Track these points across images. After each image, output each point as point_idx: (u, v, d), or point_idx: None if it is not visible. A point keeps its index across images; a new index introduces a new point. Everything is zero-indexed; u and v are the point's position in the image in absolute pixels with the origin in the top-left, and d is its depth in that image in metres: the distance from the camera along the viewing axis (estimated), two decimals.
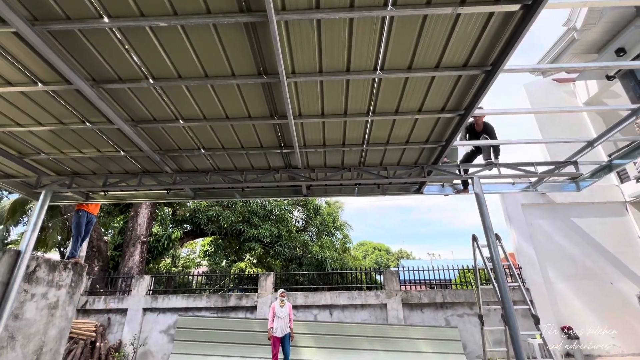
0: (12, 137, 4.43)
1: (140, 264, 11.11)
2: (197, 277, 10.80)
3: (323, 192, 6.18)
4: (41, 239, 10.84)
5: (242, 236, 13.72)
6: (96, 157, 4.98)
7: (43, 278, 5.28)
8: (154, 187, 5.76)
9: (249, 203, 13.89)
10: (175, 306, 8.67)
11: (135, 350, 8.07)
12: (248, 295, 8.79)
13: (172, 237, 12.97)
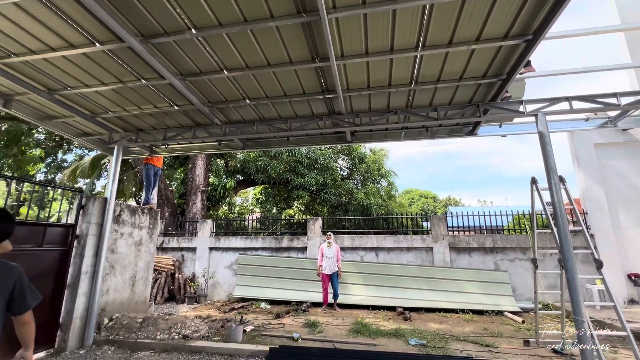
0: (83, 97, 4.91)
1: (202, 210, 12.40)
2: (252, 222, 11.82)
3: (368, 137, 6.06)
4: (119, 189, 12.47)
5: (290, 185, 14.35)
6: (154, 112, 5.36)
7: (127, 220, 6.18)
8: (206, 139, 6.14)
9: (294, 153, 14.23)
10: (235, 246, 9.73)
11: (206, 281, 9.42)
12: (299, 237, 9.48)
13: (227, 186, 14.04)
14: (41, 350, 4.63)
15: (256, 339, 5.08)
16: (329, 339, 5.04)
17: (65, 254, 5.07)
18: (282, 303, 8.15)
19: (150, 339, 4.95)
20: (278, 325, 5.97)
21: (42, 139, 14.99)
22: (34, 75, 4.33)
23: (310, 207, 17.60)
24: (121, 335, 5.11)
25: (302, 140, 6.33)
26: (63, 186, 5.98)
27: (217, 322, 5.69)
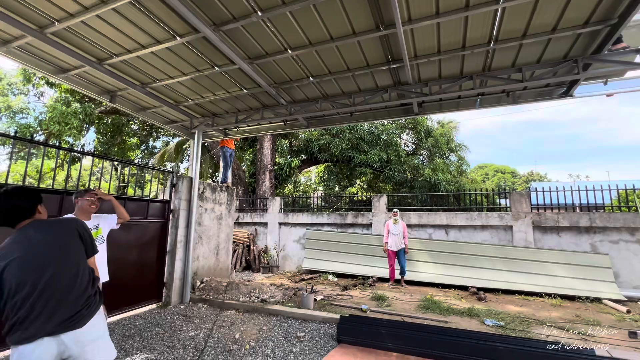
0: (168, 88, 5.50)
1: (270, 188, 13.22)
2: (316, 200, 12.22)
3: (437, 108, 5.64)
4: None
5: (352, 162, 14.33)
6: (226, 97, 5.76)
7: (209, 197, 6.92)
8: (273, 120, 6.42)
9: (356, 130, 14.06)
10: (302, 222, 10.23)
11: (277, 253, 10.19)
12: (363, 214, 9.52)
13: (292, 165, 14.65)
14: (152, 302, 5.63)
15: (326, 307, 5.38)
16: (397, 313, 5.08)
17: (164, 225, 5.96)
18: (348, 276, 8.42)
19: (234, 300, 5.62)
20: (346, 297, 6.21)
21: (136, 129, 17.42)
22: (130, 72, 4.98)
23: (373, 185, 17.42)
24: (211, 296, 5.89)
25: (366, 116, 6.19)
26: (158, 168, 6.93)
27: (290, 290, 6.16)
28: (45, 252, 1.75)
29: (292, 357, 3.56)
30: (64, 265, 1.78)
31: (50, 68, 4.74)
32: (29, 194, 1.89)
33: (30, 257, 1.71)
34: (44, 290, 1.69)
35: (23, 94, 13.95)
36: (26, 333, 1.62)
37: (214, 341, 3.97)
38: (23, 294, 1.66)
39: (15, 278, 1.66)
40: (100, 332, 1.84)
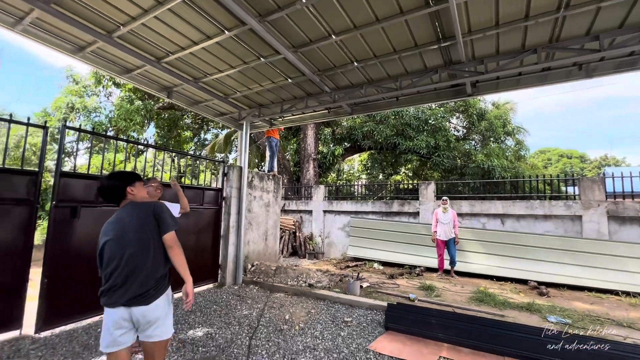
0: (218, 82, 5.77)
1: (314, 177, 13.39)
2: (360, 188, 12.11)
3: (493, 87, 5.18)
4: None
5: (397, 149, 13.88)
6: (272, 88, 5.89)
7: (257, 185, 7.22)
8: (316, 108, 6.44)
9: (401, 115, 13.54)
10: (347, 210, 10.25)
11: (322, 241, 10.37)
12: (410, 202, 9.24)
13: (335, 154, 14.63)
14: (209, 282, 6.10)
15: (372, 295, 5.38)
16: (448, 304, 4.91)
17: (218, 212, 6.37)
18: (394, 265, 8.30)
19: (283, 284, 5.86)
20: (392, 285, 6.14)
21: (189, 122, 18.64)
22: (184, 68, 5.31)
23: (420, 172, 16.77)
24: (261, 278, 6.22)
25: (413, 99, 5.92)
26: (211, 158, 7.39)
27: (336, 277, 6.25)
28: (128, 234, 2.01)
29: (340, 340, 3.63)
30: (139, 247, 2.00)
31: (117, 69, 5.23)
32: (119, 175, 2.19)
33: (119, 237, 2.00)
34: (124, 267, 1.96)
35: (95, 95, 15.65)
36: (110, 300, 1.96)
37: (265, 320, 4.20)
38: (110, 268, 1.97)
39: (107, 254, 2.00)
40: (163, 313, 2.04)
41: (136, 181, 2.19)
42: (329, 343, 3.55)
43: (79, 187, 4.15)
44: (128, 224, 2.03)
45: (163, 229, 2.07)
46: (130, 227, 2.02)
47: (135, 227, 2.03)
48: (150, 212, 2.08)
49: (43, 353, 3.14)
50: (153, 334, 1.99)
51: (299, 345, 3.49)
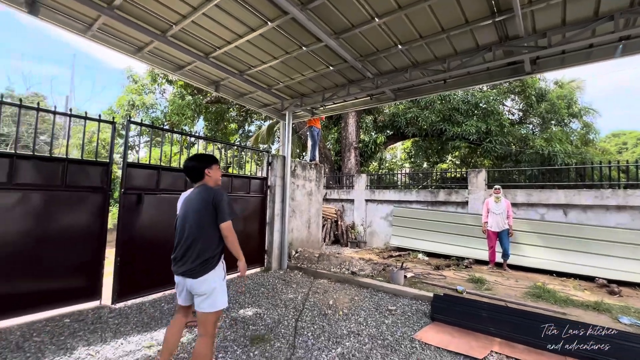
0: (261, 74, 5.92)
1: (356, 166, 13.29)
2: (403, 177, 11.75)
3: (558, 63, 4.64)
4: None
5: (444, 135, 13.20)
6: (313, 76, 5.89)
7: (300, 174, 7.35)
8: (358, 95, 6.32)
9: (448, 99, 12.79)
10: (389, 199, 10.04)
11: (365, 230, 10.32)
12: (457, 191, 8.78)
13: (377, 142, 14.33)
14: (256, 267, 6.42)
15: (417, 285, 5.26)
16: (500, 298, 4.64)
17: (263, 200, 6.63)
18: (440, 256, 8.01)
19: (326, 270, 5.98)
20: (438, 276, 5.95)
21: (234, 115, 19.45)
22: (230, 62, 5.52)
23: (468, 160, 15.82)
24: (305, 265, 6.40)
25: (462, 81, 5.54)
26: (257, 148, 7.68)
27: (379, 265, 6.22)
28: (190, 215, 2.29)
29: (385, 328, 3.63)
30: (195, 228, 2.26)
31: (170, 66, 5.59)
32: (199, 158, 2.47)
33: (184, 216, 2.33)
34: (184, 244, 2.28)
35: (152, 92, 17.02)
36: (174, 269, 2.33)
37: (310, 304, 4.34)
38: (176, 241, 2.35)
39: (177, 228, 2.37)
40: (209, 288, 2.24)
41: (213, 164, 2.46)
42: (373, 330, 3.57)
43: (142, 176, 4.58)
44: (191, 205, 2.29)
45: (220, 217, 2.26)
46: (192, 208, 2.28)
47: (196, 209, 2.27)
48: (210, 199, 2.26)
49: (119, 321, 3.59)
50: (201, 306, 2.23)
51: (343, 329, 3.55)
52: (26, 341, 3.02)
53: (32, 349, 2.88)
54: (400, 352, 3.08)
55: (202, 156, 2.47)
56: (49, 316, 3.59)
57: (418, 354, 3.05)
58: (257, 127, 21.07)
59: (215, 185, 2.46)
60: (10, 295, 3.43)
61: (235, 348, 3.04)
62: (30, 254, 3.57)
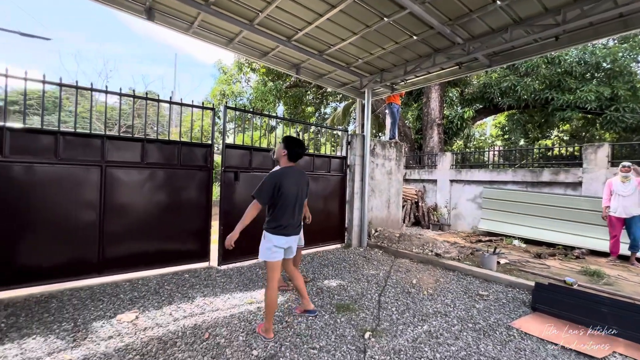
0: (341, 52, 5.88)
1: (439, 144, 12.38)
2: (494, 155, 10.47)
3: None
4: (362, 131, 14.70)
5: (550, 106, 11.23)
6: (394, 49, 5.60)
7: (379, 153, 7.22)
8: (444, 65, 5.80)
9: (558, 61, 10.75)
10: (479, 179, 9.13)
11: (449, 212, 9.67)
12: (568, 170, 7.45)
13: (464, 117, 13.03)
14: (337, 243, 6.66)
15: (513, 272, 4.76)
16: (625, 295, 3.87)
17: (343, 178, 6.75)
18: (541, 244, 7.05)
19: (407, 250, 5.85)
20: (539, 265, 5.26)
21: (311, 98, 19.92)
22: (311, 43, 5.61)
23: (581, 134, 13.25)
24: (385, 244, 6.37)
25: (581, 36, 4.57)
26: (336, 127, 7.77)
27: (466, 249, 5.80)
28: (299, 187, 2.89)
29: (475, 312, 3.41)
30: (300, 198, 2.92)
31: (257, 54, 5.98)
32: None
33: (295, 187, 2.84)
34: (298, 211, 2.93)
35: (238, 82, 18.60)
36: (291, 230, 2.85)
37: (392, 282, 4.33)
38: (292, 210, 2.85)
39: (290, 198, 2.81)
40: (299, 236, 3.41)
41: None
42: (462, 312, 3.39)
43: (237, 156, 5.11)
44: (298, 182, 2.89)
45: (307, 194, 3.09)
46: (299, 184, 2.91)
47: (300, 185, 2.92)
48: (306, 180, 3.03)
49: (224, 280, 4.18)
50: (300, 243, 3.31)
51: (429, 309, 3.46)
52: (160, 288, 3.77)
53: (165, 295, 3.59)
54: (494, 338, 2.87)
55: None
56: (173, 271, 4.40)
57: (516, 343, 2.79)
58: (332, 109, 21.26)
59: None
60: (148, 252, 4.30)
61: (323, 313, 3.26)
62: (158, 220, 4.39)
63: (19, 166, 3.48)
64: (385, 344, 2.69)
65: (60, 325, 2.79)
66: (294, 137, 2.99)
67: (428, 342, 2.76)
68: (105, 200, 3.99)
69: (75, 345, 2.49)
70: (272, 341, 2.66)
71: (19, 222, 3.47)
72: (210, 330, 2.80)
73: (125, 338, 2.63)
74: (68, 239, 3.75)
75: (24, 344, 2.48)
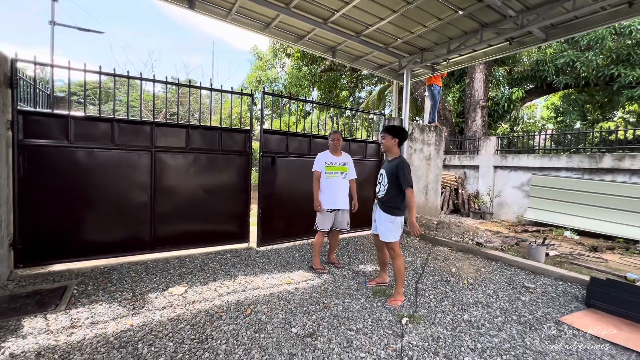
0: (378, 31, 5.65)
1: (482, 128, 11.64)
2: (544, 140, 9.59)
3: None
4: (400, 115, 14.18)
5: (615, 83, 10.01)
6: (437, 26, 5.27)
7: (417, 138, 6.96)
8: (493, 42, 5.38)
9: (628, 32, 9.48)
10: (527, 165, 8.49)
11: (491, 200, 9.16)
12: (635, 155, 6.65)
13: (512, 98, 12.07)
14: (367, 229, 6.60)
15: (564, 265, 4.43)
16: None
17: (379, 164, 6.62)
18: (598, 236, 6.47)
19: (446, 238, 5.66)
20: (595, 259, 4.84)
21: (345, 82, 19.53)
22: (347, 24, 5.45)
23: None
24: (422, 231, 6.21)
25: None
26: (372, 111, 7.58)
27: (511, 239, 5.49)
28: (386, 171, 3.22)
29: (520, 304, 3.25)
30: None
31: (292, 37, 5.94)
32: None
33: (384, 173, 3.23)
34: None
35: (273, 67, 18.71)
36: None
37: (430, 270, 4.24)
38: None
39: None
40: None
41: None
42: (505, 304, 3.25)
43: (275, 141, 5.20)
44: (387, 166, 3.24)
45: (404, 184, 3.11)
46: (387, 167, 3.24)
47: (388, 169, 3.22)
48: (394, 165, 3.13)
49: (263, 260, 4.36)
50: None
51: (469, 298, 3.35)
52: (205, 265, 4.03)
53: (209, 272, 3.84)
54: (542, 332, 2.72)
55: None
56: (216, 250, 4.66)
57: (567, 339, 2.63)
58: (367, 92, 20.74)
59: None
60: (193, 232, 4.60)
61: (359, 297, 3.29)
62: (201, 202, 4.65)
63: (82, 151, 3.84)
64: (423, 331, 2.66)
65: (121, 295, 3.10)
66: (395, 125, 3.27)
67: (469, 331, 2.69)
68: (155, 183, 4.28)
69: (135, 313, 2.76)
70: (310, 320, 2.75)
71: (84, 202, 3.86)
72: (252, 307, 2.96)
73: (177, 309, 2.86)
74: (125, 218, 4.11)
75: (93, 309, 2.80)
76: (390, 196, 3.12)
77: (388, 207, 3.14)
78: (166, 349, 2.27)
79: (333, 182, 3.98)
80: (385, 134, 3.21)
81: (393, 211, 3.12)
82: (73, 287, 3.21)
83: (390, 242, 3.15)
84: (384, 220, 3.16)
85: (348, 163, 4.16)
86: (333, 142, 4.09)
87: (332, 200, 3.94)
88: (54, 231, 3.73)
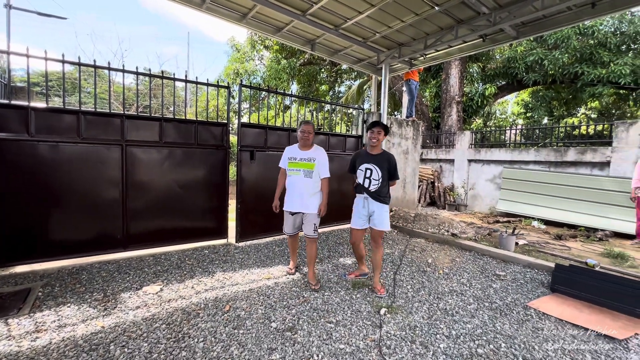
0: (357, 25, 5.64)
1: (457, 123, 11.99)
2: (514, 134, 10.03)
3: None
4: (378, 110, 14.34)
5: (579, 81, 10.59)
6: (414, 21, 5.33)
7: (395, 132, 7.06)
8: (467, 38, 5.50)
9: (591, 32, 10.02)
10: (498, 159, 8.86)
11: (466, 192, 9.50)
12: (595, 149, 7.11)
13: (486, 94, 12.50)
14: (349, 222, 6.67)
15: (531, 253, 4.68)
16: None
17: None
18: (562, 225, 6.87)
19: (423, 230, 5.82)
20: (560, 247, 5.15)
21: (325, 76, 19.46)
22: (326, 17, 5.40)
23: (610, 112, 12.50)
24: (400, 223, 6.35)
25: (623, 1, 4.20)
26: (351, 105, 7.60)
27: (483, 230, 5.72)
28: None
29: (492, 292, 3.40)
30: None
31: (270, 29, 5.82)
32: None
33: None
34: None
35: (252, 60, 18.32)
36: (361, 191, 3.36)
37: (407, 261, 4.35)
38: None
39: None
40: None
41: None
42: (478, 292, 3.39)
43: (253, 135, 5.10)
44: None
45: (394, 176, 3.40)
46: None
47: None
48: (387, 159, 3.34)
49: (242, 256, 4.30)
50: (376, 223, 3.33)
51: (444, 287, 3.47)
52: (182, 263, 3.93)
53: (186, 269, 3.74)
54: (511, 317, 2.87)
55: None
56: (193, 247, 4.55)
57: (534, 322, 2.78)
58: (347, 87, 20.79)
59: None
60: (169, 228, 4.45)
61: (339, 289, 3.33)
62: (177, 198, 4.50)
63: (45, 145, 3.60)
64: (401, 320, 2.73)
65: (91, 295, 2.97)
66: (381, 121, 3.41)
67: (444, 319, 2.78)
68: (127, 179, 4.10)
69: (107, 314, 2.65)
70: (290, 315, 2.75)
71: (48, 199, 3.63)
72: (230, 303, 2.92)
73: (152, 308, 2.77)
74: (95, 215, 3.92)
75: (60, 311, 2.65)
76: (383, 188, 3.29)
77: (383, 198, 3.30)
78: (140, 349, 2.19)
79: (291, 181, 3.44)
80: (381, 129, 3.31)
81: (386, 200, 3.33)
82: (38, 290, 3.03)
83: (386, 230, 3.34)
84: (383, 211, 3.30)
85: (317, 159, 3.40)
86: (302, 133, 3.41)
87: (289, 201, 3.44)
88: (15, 231, 3.49)
